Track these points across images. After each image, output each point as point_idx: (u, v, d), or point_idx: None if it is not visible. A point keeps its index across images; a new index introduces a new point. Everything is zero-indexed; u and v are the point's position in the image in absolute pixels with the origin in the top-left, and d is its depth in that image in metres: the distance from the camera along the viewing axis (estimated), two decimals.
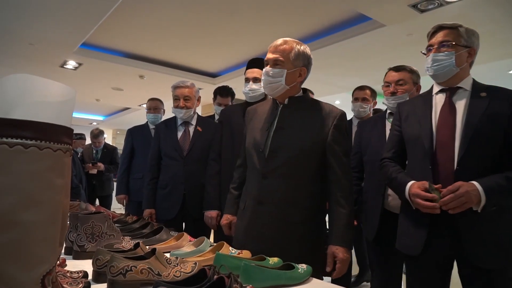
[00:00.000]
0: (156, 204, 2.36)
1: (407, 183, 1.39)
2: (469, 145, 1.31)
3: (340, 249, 1.34)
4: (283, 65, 1.43)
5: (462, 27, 1.43)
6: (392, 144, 1.59)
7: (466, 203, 1.23)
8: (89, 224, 1.20)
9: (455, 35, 1.43)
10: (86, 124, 10.54)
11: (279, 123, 1.46)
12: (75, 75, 5.53)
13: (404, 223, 1.48)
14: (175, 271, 0.93)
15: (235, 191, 1.66)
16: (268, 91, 1.49)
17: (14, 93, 0.52)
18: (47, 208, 0.52)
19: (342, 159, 1.42)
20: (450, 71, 1.42)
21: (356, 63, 4.69)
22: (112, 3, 3.24)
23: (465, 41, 1.42)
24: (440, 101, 1.46)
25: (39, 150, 0.51)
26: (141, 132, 3.20)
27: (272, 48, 1.46)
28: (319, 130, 1.42)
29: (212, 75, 5.70)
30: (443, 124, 1.40)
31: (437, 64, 1.44)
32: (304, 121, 1.44)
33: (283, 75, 1.43)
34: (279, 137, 1.43)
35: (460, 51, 1.41)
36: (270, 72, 1.44)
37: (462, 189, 1.23)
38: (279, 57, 1.43)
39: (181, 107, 2.35)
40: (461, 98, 1.42)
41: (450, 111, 1.40)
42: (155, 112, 3.24)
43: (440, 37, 1.45)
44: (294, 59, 1.43)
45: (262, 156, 1.44)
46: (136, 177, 3.06)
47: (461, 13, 3.18)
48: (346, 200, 1.39)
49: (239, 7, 3.55)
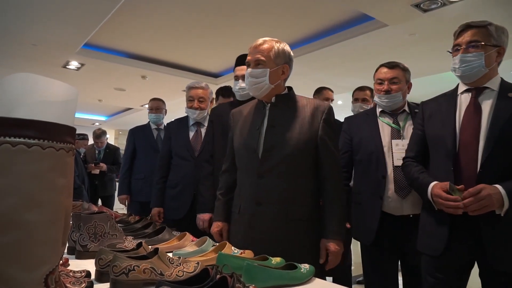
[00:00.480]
0: (165, 204, 2.36)
1: (429, 183, 1.37)
2: (493, 147, 1.27)
3: (332, 242, 1.37)
4: (265, 65, 1.43)
5: (491, 25, 1.37)
6: (415, 143, 1.56)
7: (487, 206, 1.21)
8: (91, 224, 1.21)
9: (484, 34, 1.37)
10: (89, 125, 10.57)
11: (270, 122, 1.45)
12: (77, 76, 5.54)
13: (425, 223, 1.46)
14: (178, 270, 0.93)
15: (222, 197, 1.63)
16: (254, 92, 1.48)
17: (17, 93, 0.52)
18: (49, 208, 0.52)
19: (334, 153, 1.44)
20: (479, 72, 1.38)
21: (358, 63, 4.68)
22: (114, 4, 3.25)
23: (495, 40, 1.37)
24: (465, 101, 1.42)
25: (41, 149, 0.51)
26: (143, 133, 3.19)
27: (252, 49, 1.47)
28: (310, 125, 1.42)
29: (214, 75, 5.71)
30: (467, 124, 1.36)
31: (466, 65, 1.38)
32: (294, 118, 1.44)
33: (266, 75, 1.43)
34: (272, 136, 1.43)
35: (490, 51, 1.36)
36: (253, 73, 1.44)
37: (484, 192, 1.21)
38: (260, 57, 1.43)
39: (195, 108, 2.37)
40: (487, 98, 1.38)
41: (475, 111, 1.37)
42: (157, 112, 3.24)
43: (468, 37, 1.39)
44: (275, 57, 1.44)
45: (256, 156, 1.43)
46: (138, 178, 3.06)
47: (464, 13, 3.17)
48: (338, 194, 1.41)
49: (241, 8, 3.55)
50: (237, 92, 2.03)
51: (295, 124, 1.43)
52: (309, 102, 1.49)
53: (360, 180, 1.91)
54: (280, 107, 1.48)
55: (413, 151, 1.56)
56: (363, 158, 1.84)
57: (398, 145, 1.74)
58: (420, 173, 1.46)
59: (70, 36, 3.99)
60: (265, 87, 1.45)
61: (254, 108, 1.55)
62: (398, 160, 1.71)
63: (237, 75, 2.03)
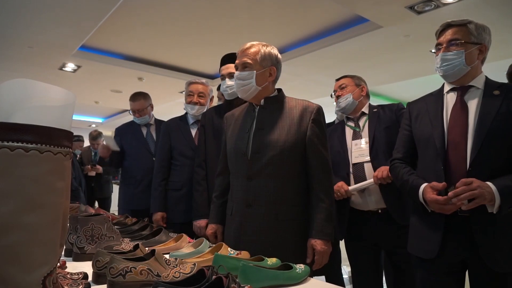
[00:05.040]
0: (167, 207, 2.24)
1: (420, 186, 1.37)
2: (482, 145, 1.28)
3: (319, 241, 1.37)
4: (252, 67, 1.47)
5: (471, 23, 1.39)
6: (402, 144, 1.56)
7: (478, 197, 1.20)
8: (88, 226, 1.21)
9: (464, 32, 1.38)
10: (85, 126, 10.53)
11: (258, 124, 1.48)
12: (74, 78, 5.53)
13: (417, 226, 1.45)
14: (174, 272, 0.94)
15: (217, 200, 1.66)
16: (241, 94, 1.51)
17: (15, 98, 0.53)
18: (48, 211, 0.53)
19: (322, 152, 1.45)
20: (460, 70, 1.38)
21: (354, 64, 4.70)
22: (111, 6, 3.25)
23: (475, 38, 1.38)
24: (452, 100, 1.43)
25: (39, 153, 0.52)
26: (131, 131, 2.76)
27: (239, 53, 1.51)
28: (298, 126, 1.44)
29: (210, 77, 5.71)
30: (454, 123, 1.37)
31: (447, 63, 1.40)
32: (283, 120, 1.46)
33: (252, 77, 1.46)
34: (259, 138, 1.44)
35: (470, 49, 1.37)
36: (240, 75, 1.48)
37: (475, 183, 1.21)
38: (247, 60, 1.47)
39: (194, 102, 2.29)
40: (473, 97, 1.38)
41: (462, 110, 1.37)
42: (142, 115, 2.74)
43: (448, 35, 1.41)
44: (262, 60, 1.48)
45: (245, 159, 1.45)
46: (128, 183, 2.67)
47: (458, 15, 3.19)
48: (325, 194, 1.42)
49: (237, 10, 3.57)
50: (225, 91, 2.00)
51: (283, 125, 1.45)
52: (298, 103, 1.51)
53: None
54: (269, 109, 1.50)
55: (400, 152, 1.56)
56: (334, 160, 1.91)
57: (357, 144, 1.90)
58: (409, 175, 1.45)
59: (66, 38, 3.99)
60: (252, 89, 1.47)
61: (245, 111, 1.57)
62: (356, 157, 1.87)
63: (223, 74, 2.01)
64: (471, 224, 1.28)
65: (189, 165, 2.19)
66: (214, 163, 1.93)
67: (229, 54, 2.04)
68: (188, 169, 2.19)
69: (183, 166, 2.24)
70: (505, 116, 1.29)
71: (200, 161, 2.06)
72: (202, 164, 2.05)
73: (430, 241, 1.36)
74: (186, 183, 2.19)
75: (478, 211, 1.26)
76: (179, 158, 2.26)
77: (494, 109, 1.31)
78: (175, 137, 2.30)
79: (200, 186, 2.02)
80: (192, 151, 2.23)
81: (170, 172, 2.29)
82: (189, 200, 2.12)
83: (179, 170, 2.25)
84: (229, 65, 1.98)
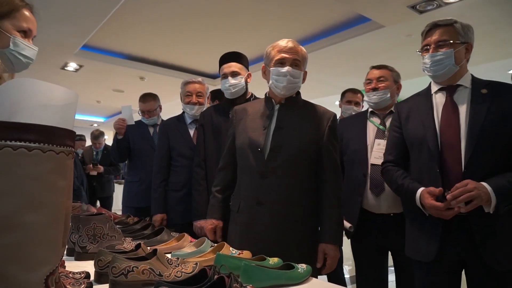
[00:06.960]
0: (168, 208, 2.22)
1: (416, 191, 1.36)
2: (476, 145, 1.27)
3: (331, 246, 1.39)
4: (300, 67, 1.46)
5: (457, 23, 1.39)
6: (393, 146, 1.54)
7: (476, 199, 1.20)
8: (90, 226, 1.21)
9: (451, 32, 1.39)
10: (87, 126, 10.55)
11: (278, 123, 1.46)
12: (76, 77, 5.54)
13: (414, 229, 1.44)
14: (176, 271, 0.94)
15: (219, 195, 1.61)
16: (286, 91, 1.46)
17: (17, 97, 0.53)
18: (50, 210, 0.53)
19: (335, 159, 1.46)
20: (450, 70, 1.39)
21: (356, 63, 4.70)
22: (113, 5, 3.26)
23: (462, 37, 1.39)
24: (441, 101, 1.42)
25: (42, 152, 0.52)
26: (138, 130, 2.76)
27: (287, 48, 1.45)
28: (316, 130, 1.45)
29: (212, 76, 5.72)
30: (447, 125, 1.36)
31: (436, 64, 1.40)
32: (302, 121, 1.46)
33: (301, 76, 1.47)
34: (279, 137, 1.44)
35: (458, 48, 1.38)
36: (294, 73, 1.44)
37: (471, 185, 1.21)
38: (298, 58, 1.45)
39: (193, 103, 2.26)
40: (462, 96, 1.38)
41: (453, 111, 1.37)
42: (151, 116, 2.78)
43: (436, 36, 1.41)
44: (303, 62, 1.48)
45: (261, 156, 1.43)
46: (132, 180, 2.71)
47: (460, 14, 3.19)
48: (337, 199, 1.43)
49: (238, 9, 3.57)
50: (227, 90, 1.95)
51: (302, 127, 1.45)
52: (316, 108, 1.53)
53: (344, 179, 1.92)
54: (289, 109, 1.49)
55: (392, 154, 1.54)
56: (349, 158, 1.87)
57: (379, 144, 1.78)
58: (403, 179, 1.44)
59: (68, 38, 4.00)
60: (297, 88, 1.48)
61: (263, 108, 1.54)
62: (375, 158, 1.75)
63: (225, 72, 1.96)
64: (470, 224, 1.28)
65: (189, 165, 2.17)
66: (214, 163, 1.91)
67: (229, 52, 2.02)
68: (188, 169, 2.17)
69: (182, 167, 2.23)
70: (496, 115, 1.29)
71: (199, 161, 2.04)
72: (202, 163, 2.03)
73: (428, 244, 1.36)
74: (186, 184, 2.18)
75: (476, 211, 1.25)
76: (179, 159, 2.25)
77: (484, 109, 1.31)
78: (173, 137, 2.29)
79: (200, 186, 2.01)
80: (190, 151, 2.21)
81: (170, 173, 2.28)
82: (189, 201, 2.10)
83: (179, 171, 2.24)
84: (231, 63, 1.96)
